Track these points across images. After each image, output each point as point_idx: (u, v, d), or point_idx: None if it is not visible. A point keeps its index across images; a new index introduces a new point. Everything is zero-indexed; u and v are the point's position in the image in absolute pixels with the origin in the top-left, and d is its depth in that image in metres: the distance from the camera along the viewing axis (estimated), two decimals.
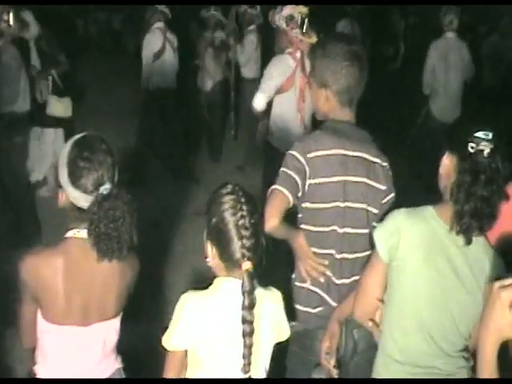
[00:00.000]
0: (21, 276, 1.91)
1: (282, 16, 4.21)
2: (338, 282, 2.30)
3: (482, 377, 1.35)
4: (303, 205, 2.27)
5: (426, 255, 1.88)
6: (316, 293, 2.32)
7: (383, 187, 2.31)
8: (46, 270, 1.88)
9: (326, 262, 2.25)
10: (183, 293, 1.85)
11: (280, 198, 2.20)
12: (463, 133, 1.86)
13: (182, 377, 1.89)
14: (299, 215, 2.31)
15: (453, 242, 1.87)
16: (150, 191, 5.78)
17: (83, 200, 1.88)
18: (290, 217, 2.30)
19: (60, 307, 1.90)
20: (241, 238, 1.77)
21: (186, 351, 1.85)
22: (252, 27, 7.12)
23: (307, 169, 2.21)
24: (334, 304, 2.30)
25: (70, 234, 1.95)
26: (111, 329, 2.02)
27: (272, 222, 2.16)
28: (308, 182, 2.22)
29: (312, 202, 2.25)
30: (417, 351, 1.93)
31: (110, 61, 11.79)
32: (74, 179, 1.88)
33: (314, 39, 4.17)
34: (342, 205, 2.24)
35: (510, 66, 7.55)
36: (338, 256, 2.29)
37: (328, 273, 2.27)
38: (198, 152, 7.46)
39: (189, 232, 5.26)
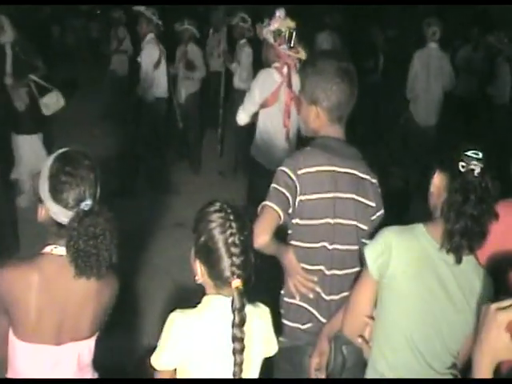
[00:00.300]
0: None
1: (269, 30, 4.20)
2: (327, 298, 2.30)
3: None
4: (293, 221, 2.27)
5: (416, 274, 1.88)
6: (305, 309, 2.32)
7: (372, 204, 2.31)
8: (20, 285, 1.83)
9: (315, 279, 2.26)
10: (166, 307, 1.86)
11: (271, 214, 2.20)
12: (454, 152, 1.88)
13: None
14: (289, 231, 2.31)
15: (443, 260, 1.88)
16: (129, 202, 5.73)
17: (63, 215, 1.85)
18: (280, 233, 2.29)
19: (31, 324, 1.85)
20: (230, 255, 1.75)
21: (175, 369, 1.83)
22: (243, 41, 7.23)
23: (298, 185, 2.21)
24: (323, 320, 2.30)
25: (47, 249, 1.90)
26: (85, 348, 1.97)
27: (263, 238, 2.16)
28: (298, 198, 2.22)
29: (302, 219, 2.25)
30: (406, 369, 1.94)
31: (86, 68, 11.72)
32: (55, 194, 1.85)
33: (302, 54, 4.19)
34: (331, 221, 2.25)
35: (481, 77, 7.68)
36: (328, 272, 2.29)
37: (317, 289, 2.27)
38: (179, 163, 7.43)
39: (168, 243, 5.23)
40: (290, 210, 2.23)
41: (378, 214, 2.34)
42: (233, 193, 5.78)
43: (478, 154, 1.83)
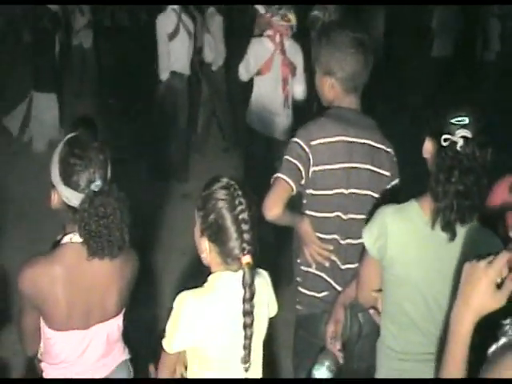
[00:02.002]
0: (19, 287, 1.88)
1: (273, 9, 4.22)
2: (342, 267, 2.33)
3: (451, 353, 1.37)
4: (307, 191, 2.28)
5: (414, 257, 1.87)
6: (321, 277, 2.35)
7: (388, 173, 2.31)
8: (44, 280, 1.85)
9: (331, 247, 2.28)
10: (177, 280, 1.83)
11: (283, 186, 2.21)
12: (438, 121, 1.81)
13: (178, 375, 1.89)
14: (303, 201, 2.33)
15: (439, 237, 1.83)
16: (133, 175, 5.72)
17: (75, 198, 1.85)
18: (295, 202, 2.31)
19: (61, 315, 1.89)
20: (241, 232, 1.75)
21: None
22: (211, 9, 6.71)
23: (311, 156, 2.22)
24: (339, 288, 2.33)
25: (66, 239, 1.91)
26: (113, 326, 2.02)
27: (275, 210, 2.17)
28: (312, 169, 2.23)
29: (316, 189, 2.26)
30: (413, 344, 1.93)
31: None
32: (66, 177, 1.86)
33: (293, 21, 4.22)
34: (346, 191, 2.26)
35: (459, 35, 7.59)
36: (343, 242, 2.31)
37: (333, 257, 2.30)
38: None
39: (176, 214, 5.24)
40: (303, 181, 2.24)
41: (393, 183, 2.34)
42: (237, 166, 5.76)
43: (463, 121, 1.75)
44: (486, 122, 1.79)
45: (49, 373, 2.01)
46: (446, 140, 1.76)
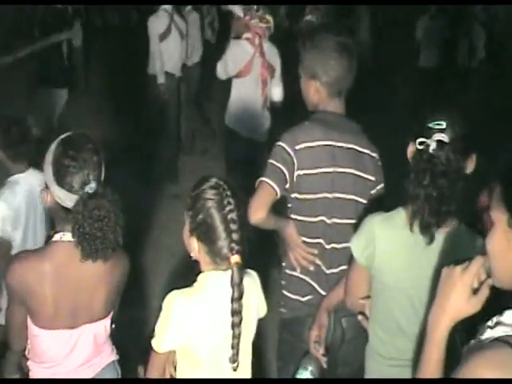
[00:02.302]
0: (7, 282, 1.88)
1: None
2: (327, 271, 2.34)
3: (428, 355, 1.39)
4: (292, 195, 2.28)
5: (402, 264, 1.87)
6: (306, 281, 2.35)
7: (372, 178, 2.32)
8: (33, 277, 1.85)
9: (316, 251, 2.29)
10: (166, 280, 1.85)
11: (267, 190, 2.21)
12: (418, 125, 1.81)
13: (167, 375, 1.90)
14: (288, 205, 2.33)
15: (425, 244, 1.82)
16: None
17: (68, 199, 1.85)
18: (280, 206, 2.32)
19: (48, 312, 1.88)
20: (230, 232, 1.76)
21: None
22: (189, 8, 6.64)
23: (295, 160, 2.22)
24: (323, 293, 2.34)
25: (56, 237, 1.91)
26: (100, 328, 2.02)
27: (260, 214, 2.18)
28: (296, 173, 2.23)
29: (300, 193, 2.26)
30: (401, 350, 1.93)
31: None
32: (59, 178, 1.85)
33: (271, 22, 4.25)
34: (330, 196, 2.27)
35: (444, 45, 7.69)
36: (327, 246, 2.32)
37: (317, 261, 2.31)
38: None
39: (166, 215, 5.26)
40: (288, 185, 2.24)
41: (378, 187, 2.35)
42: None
43: (440, 125, 1.75)
44: (467, 127, 1.79)
45: (35, 371, 2.00)
46: (421, 143, 1.77)
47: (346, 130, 2.31)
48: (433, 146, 1.75)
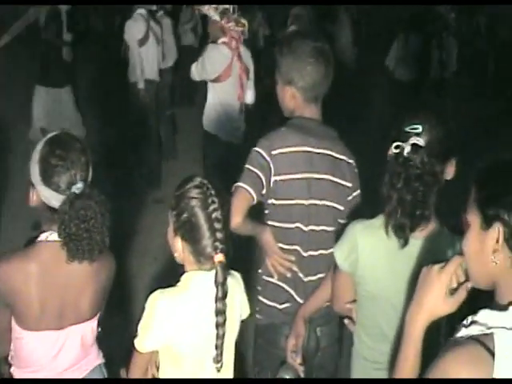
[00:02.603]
0: None
1: (212, 7, 4.28)
2: (304, 279, 2.33)
3: (404, 353, 1.42)
4: (269, 201, 2.28)
5: (385, 271, 1.87)
6: (283, 288, 2.35)
7: (349, 184, 2.32)
8: (18, 277, 1.83)
9: (293, 258, 2.29)
10: (149, 284, 1.84)
11: (243, 195, 2.21)
12: (394, 130, 1.82)
13: (149, 375, 1.89)
14: (265, 211, 2.33)
15: (408, 249, 1.83)
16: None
17: (55, 199, 1.83)
18: (257, 212, 2.32)
19: (34, 313, 1.85)
20: (214, 231, 1.76)
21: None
22: (160, 13, 6.47)
23: (272, 165, 2.22)
24: (300, 301, 2.33)
25: (42, 237, 1.89)
26: (87, 329, 2.00)
27: (236, 219, 2.16)
28: (273, 178, 2.23)
29: (277, 199, 2.26)
30: (387, 354, 1.90)
31: None
32: (46, 177, 1.83)
33: (245, 25, 4.31)
34: (306, 202, 2.26)
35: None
36: (304, 253, 2.31)
37: (295, 268, 2.30)
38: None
39: (148, 220, 5.28)
40: (264, 191, 2.24)
41: (355, 194, 2.34)
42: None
43: (417, 129, 1.75)
44: (444, 131, 1.79)
45: (18, 377, 1.96)
46: (396, 147, 1.77)
47: (323, 135, 2.31)
48: (407, 149, 1.75)
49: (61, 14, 6.79)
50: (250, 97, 4.63)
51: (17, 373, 1.98)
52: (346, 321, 2.07)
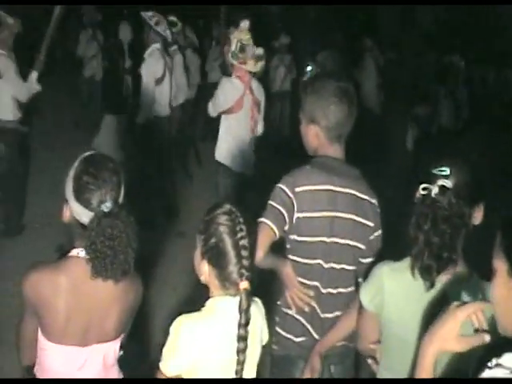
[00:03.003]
0: (23, 291, 1.91)
1: (232, 51, 4.48)
2: (322, 315, 2.35)
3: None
4: (291, 237, 2.30)
5: (411, 314, 1.86)
6: (300, 322, 2.37)
7: (371, 224, 2.33)
8: (47, 288, 1.88)
9: (312, 293, 2.31)
10: (168, 316, 1.86)
11: (266, 231, 2.22)
12: (420, 170, 1.85)
13: None
14: (287, 246, 2.35)
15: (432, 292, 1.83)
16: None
17: (85, 216, 1.88)
18: (277, 246, 2.34)
19: (59, 326, 1.90)
20: (240, 258, 1.80)
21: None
22: (174, 47, 6.54)
23: (295, 202, 2.24)
24: (316, 336, 2.35)
25: (73, 252, 1.95)
26: (110, 349, 2.03)
27: (257, 255, 2.15)
28: (296, 215, 2.25)
29: (299, 235, 2.28)
30: None
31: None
32: (78, 194, 1.90)
33: (254, 67, 4.51)
34: (327, 240, 2.28)
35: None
36: (323, 290, 2.33)
37: (313, 304, 2.32)
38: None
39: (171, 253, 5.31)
40: (287, 227, 2.26)
41: (376, 234, 2.36)
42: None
43: (444, 171, 1.78)
44: (472, 175, 1.81)
45: None
46: (424, 189, 1.79)
47: (346, 174, 2.33)
48: (435, 190, 1.76)
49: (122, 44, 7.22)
50: (259, 128, 4.80)
51: None
52: (370, 360, 2.06)
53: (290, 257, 2.34)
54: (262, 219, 2.25)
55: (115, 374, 2.10)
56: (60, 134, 8.57)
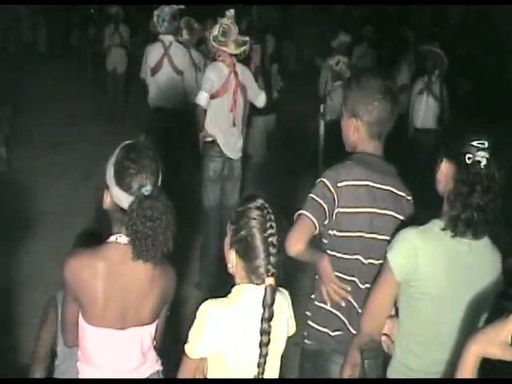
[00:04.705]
0: (63, 277, 1.99)
1: (209, 33, 4.71)
2: (359, 310, 2.34)
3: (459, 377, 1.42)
4: (330, 232, 2.31)
5: (447, 276, 1.96)
6: (336, 316, 2.37)
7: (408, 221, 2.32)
8: (87, 273, 1.96)
9: (349, 288, 2.31)
10: (204, 301, 1.90)
11: (307, 223, 2.23)
12: (460, 142, 1.95)
13: None
14: (324, 241, 2.36)
15: (463, 247, 1.97)
16: None
17: (125, 200, 1.95)
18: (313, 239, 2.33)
19: (97, 309, 1.98)
20: (268, 254, 1.84)
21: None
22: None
23: (336, 197, 2.25)
24: (353, 331, 2.34)
25: (112, 238, 2.02)
26: (146, 334, 2.10)
27: (297, 247, 2.18)
28: (337, 210, 2.26)
29: (339, 231, 2.29)
30: (437, 362, 2.00)
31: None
32: (119, 179, 1.97)
33: (243, 51, 4.65)
34: (367, 235, 2.29)
35: None
36: (362, 286, 2.34)
37: (350, 298, 2.33)
38: None
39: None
40: (327, 221, 2.26)
41: None
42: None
43: (483, 144, 1.91)
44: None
45: (83, 372, 2.09)
46: (469, 158, 1.91)
47: (385, 172, 2.35)
48: (483, 162, 1.90)
49: None
50: (260, 101, 4.94)
51: (82, 368, 2.10)
52: (384, 337, 2.09)
53: (328, 251, 2.35)
54: (302, 211, 2.25)
55: (153, 358, 2.17)
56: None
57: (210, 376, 1.93)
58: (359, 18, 11.24)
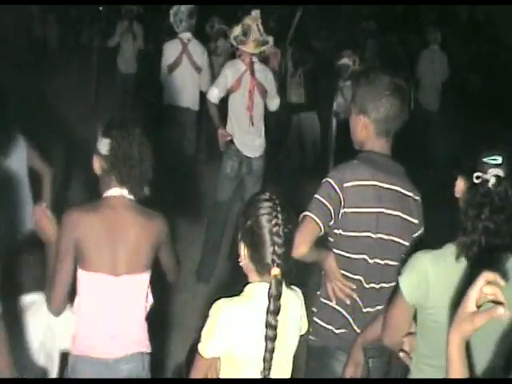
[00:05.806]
0: (62, 229, 2.21)
1: (234, 35, 4.68)
2: (364, 309, 2.35)
3: (449, 374, 1.40)
4: (336, 231, 2.30)
5: (459, 299, 1.81)
6: (341, 313, 2.37)
7: (416, 221, 2.34)
8: (83, 224, 2.20)
9: (354, 286, 2.32)
10: (216, 300, 1.90)
11: (312, 225, 2.22)
12: (470, 158, 1.85)
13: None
14: (330, 239, 2.36)
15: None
16: None
17: (106, 144, 2.24)
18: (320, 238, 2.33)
19: (92, 255, 2.20)
20: (273, 244, 1.84)
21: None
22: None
23: (342, 197, 2.24)
24: (357, 329, 2.35)
25: (106, 194, 2.28)
26: (140, 283, 2.30)
27: (302, 249, 2.16)
28: (342, 210, 2.25)
29: (345, 230, 2.28)
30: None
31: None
32: (104, 132, 2.25)
33: (263, 50, 4.75)
34: (374, 236, 2.29)
35: None
36: (367, 285, 2.34)
37: (355, 297, 2.33)
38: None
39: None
40: (332, 222, 2.25)
41: (420, 231, 2.36)
42: None
43: (496, 160, 1.78)
44: None
45: (79, 325, 2.26)
46: (478, 177, 1.80)
47: (392, 171, 2.33)
48: (492, 181, 1.78)
49: None
50: (273, 105, 4.96)
51: (77, 317, 2.27)
52: (402, 354, 2.06)
53: (334, 250, 2.35)
54: (307, 213, 2.25)
55: (143, 335, 2.35)
56: None
57: (223, 374, 1.93)
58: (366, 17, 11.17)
